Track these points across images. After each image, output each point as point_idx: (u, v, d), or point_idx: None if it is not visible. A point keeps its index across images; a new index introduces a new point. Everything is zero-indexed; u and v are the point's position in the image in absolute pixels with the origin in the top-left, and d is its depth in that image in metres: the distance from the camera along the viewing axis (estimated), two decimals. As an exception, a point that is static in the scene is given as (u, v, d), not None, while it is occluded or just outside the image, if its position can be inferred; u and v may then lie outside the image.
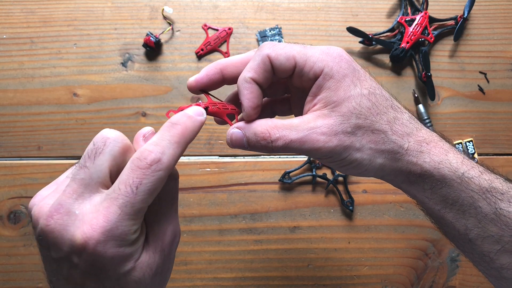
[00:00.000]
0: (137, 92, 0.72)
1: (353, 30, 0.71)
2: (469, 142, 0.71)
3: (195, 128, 0.36)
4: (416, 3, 0.74)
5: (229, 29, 0.73)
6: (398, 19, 0.72)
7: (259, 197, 0.70)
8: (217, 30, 0.73)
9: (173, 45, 0.73)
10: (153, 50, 0.72)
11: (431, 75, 0.69)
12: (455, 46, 0.74)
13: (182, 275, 0.69)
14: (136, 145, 0.37)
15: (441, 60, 0.74)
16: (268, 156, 0.71)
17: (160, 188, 0.33)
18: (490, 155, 0.72)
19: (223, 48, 0.73)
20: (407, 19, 0.71)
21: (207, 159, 0.71)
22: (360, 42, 0.72)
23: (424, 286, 0.69)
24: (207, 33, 0.73)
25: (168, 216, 0.37)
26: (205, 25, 0.73)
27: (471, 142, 0.71)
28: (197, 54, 0.73)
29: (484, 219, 0.38)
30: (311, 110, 0.39)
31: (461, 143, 0.71)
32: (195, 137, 0.36)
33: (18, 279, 0.68)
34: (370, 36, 0.71)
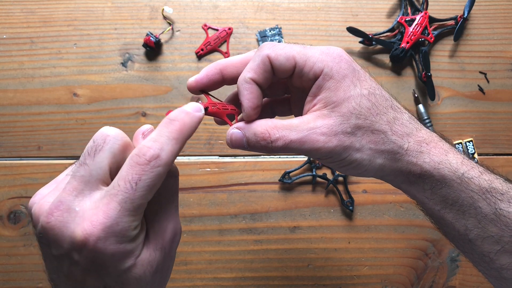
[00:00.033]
0: (137, 92, 0.72)
1: (353, 30, 0.71)
2: (469, 142, 0.71)
3: (193, 124, 0.35)
4: (416, 3, 0.74)
5: (229, 29, 0.73)
6: (398, 19, 0.72)
7: (259, 197, 0.70)
8: (217, 30, 0.73)
9: (173, 45, 0.73)
10: (153, 50, 0.72)
11: (431, 75, 0.69)
12: (455, 46, 0.74)
13: (182, 275, 0.69)
14: (135, 142, 0.37)
15: (441, 60, 0.73)
16: (268, 156, 0.71)
17: (160, 184, 0.33)
18: (490, 155, 0.72)
19: (223, 48, 0.73)
20: (407, 19, 0.71)
21: (207, 159, 0.71)
22: (360, 42, 0.72)
23: (424, 286, 0.69)
24: (207, 33, 0.73)
25: (168, 213, 0.37)
26: (205, 25, 0.73)
27: (471, 142, 0.71)
28: (197, 54, 0.73)
29: (484, 219, 0.38)
30: (311, 111, 0.39)
31: (461, 143, 0.71)
32: (193, 133, 0.36)
33: (18, 279, 0.68)
34: (370, 36, 0.71)
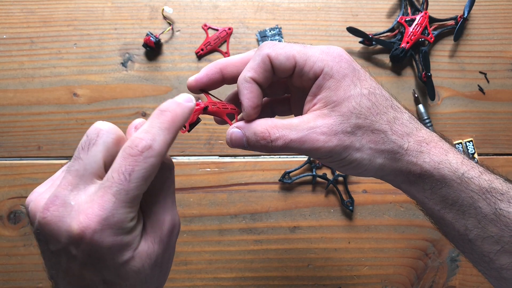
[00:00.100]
0: (137, 92, 0.72)
1: (353, 30, 0.71)
2: (469, 142, 0.71)
3: (184, 114, 0.35)
4: (416, 3, 0.74)
5: (229, 29, 0.73)
6: (398, 19, 0.72)
7: (259, 197, 0.70)
8: (217, 30, 0.73)
9: (173, 45, 0.73)
10: (153, 50, 0.72)
11: (431, 75, 0.69)
12: (455, 46, 0.74)
13: (182, 275, 0.69)
14: (128, 136, 0.37)
15: (441, 60, 0.73)
16: (268, 156, 0.71)
17: (154, 175, 0.33)
18: (490, 155, 0.72)
19: (223, 48, 0.73)
20: (407, 19, 0.71)
21: (207, 159, 0.71)
22: (360, 42, 0.72)
23: (424, 286, 0.69)
24: (207, 33, 0.73)
25: (165, 206, 0.36)
26: (205, 25, 0.73)
27: (471, 142, 0.71)
28: (197, 54, 0.73)
29: (484, 219, 0.38)
30: (311, 110, 0.39)
31: (461, 143, 0.71)
32: (185, 123, 0.36)
33: (18, 279, 0.68)
34: (370, 36, 0.71)
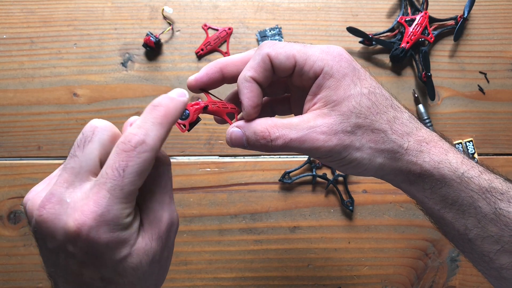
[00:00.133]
0: (137, 92, 0.72)
1: (353, 30, 0.71)
2: (469, 142, 0.71)
3: (177, 108, 0.35)
4: (416, 3, 0.74)
5: (229, 29, 0.73)
6: (398, 19, 0.72)
7: (259, 197, 0.70)
8: (217, 30, 0.73)
9: (173, 45, 0.73)
10: (153, 50, 0.72)
11: (431, 75, 0.69)
12: (455, 46, 0.74)
13: (182, 275, 0.69)
14: (123, 133, 0.37)
15: (441, 60, 0.73)
16: (268, 156, 0.71)
17: (148, 170, 0.33)
18: (490, 155, 0.72)
19: (223, 48, 0.73)
20: (407, 19, 0.71)
21: (207, 159, 0.71)
22: (360, 42, 0.72)
23: (424, 286, 0.69)
24: (207, 33, 0.73)
25: (162, 202, 0.36)
26: (205, 25, 0.73)
27: (471, 142, 0.71)
28: (197, 54, 0.73)
29: (483, 219, 0.38)
30: (311, 109, 0.39)
31: (461, 143, 0.71)
32: (179, 117, 0.36)
33: (18, 279, 0.68)
34: (370, 36, 0.71)
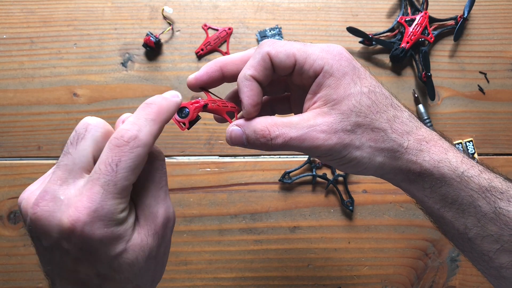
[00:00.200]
0: (137, 92, 0.72)
1: (353, 30, 0.71)
2: (469, 142, 0.71)
3: (170, 107, 0.35)
4: (416, 3, 0.74)
5: (229, 29, 0.73)
6: (398, 19, 0.72)
7: (259, 197, 0.70)
8: (217, 30, 0.73)
9: (173, 45, 0.73)
10: (153, 50, 0.72)
11: (431, 75, 0.69)
12: (455, 46, 0.74)
13: (182, 275, 0.69)
14: (116, 129, 0.37)
15: (441, 60, 0.73)
16: (268, 156, 0.71)
17: (141, 165, 0.33)
18: (490, 155, 0.72)
19: (223, 48, 0.73)
20: (407, 19, 0.71)
21: (207, 159, 0.71)
22: (360, 42, 0.72)
23: (424, 286, 0.69)
24: (207, 33, 0.73)
25: (157, 198, 0.36)
26: (205, 25, 0.73)
27: (471, 142, 0.71)
28: (197, 54, 0.73)
29: (483, 218, 0.38)
30: (310, 108, 0.39)
31: (461, 143, 0.71)
32: (171, 117, 0.36)
33: (18, 279, 0.68)
34: (370, 36, 0.71)
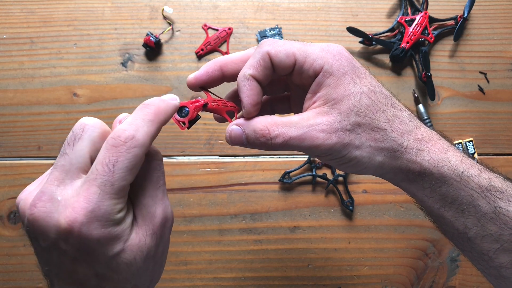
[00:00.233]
0: (137, 92, 0.72)
1: (353, 30, 0.71)
2: (469, 142, 0.71)
3: (167, 110, 0.36)
4: (416, 3, 0.74)
5: (229, 29, 0.73)
6: (398, 19, 0.72)
7: (259, 197, 0.70)
8: (217, 30, 0.73)
9: (173, 45, 0.73)
10: (153, 50, 0.72)
11: (431, 75, 0.69)
12: (455, 46, 0.74)
13: (182, 275, 0.69)
14: (113, 130, 0.37)
15: (441, 60, 0.73)
16: (268, 156, 0.71)
17: (138, 166, 0.33)
18: (490, 155, 0.72)
19: (223, 48, 0.73)
20: (407, 19, 0.71)
21: (207, 159, 0.71)
22: (360, 42, 0.72)
23: (424, 286, 0.69)
24: (207, 33, 0.73)
25: (155, 198, 0.36)
26: (205, 25, 0.73)
27: (471, 142, 0.71)
28: (197, 54, 0.73)
29: (483, 217, 0.38)
30: (310, 108, 0.39)
31: (461, 143, 0.71)
32: (169, 119, 0.36)
33: (18, 279, 0.68)
34: (370, 36, 0.71)
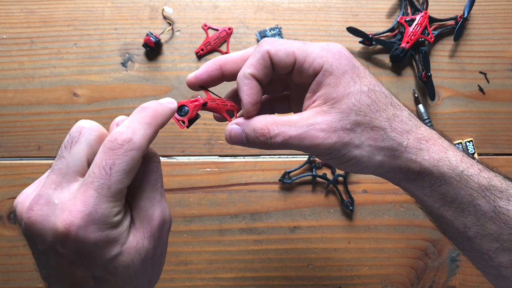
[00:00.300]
0: (137, 92, 0.72)
1: (353, 30, 0.71)
2: (469, 142, 0.71)
3: (165, 113, 0.35)
4: (416, 3, 0.74)
5: (229, 29, 0.73)
6: (398, 19, 0.72)
7: (259, 197, 0.70)
8: (217, 30, 0.73)
9: (173, 45, 0.73)
10: (153, 50, 0.72)
11: (431, 75, 0.69)
12: (455, 46, 0.74)
13: (182, 275, 0.68)
14: (110, 132, 0.37)
15: (441, 60, 0.73)
16: (268, 156, 0.71)
17: (136, 169, 0.33)
18: (490, 155, 0.72)
19: (223, 48, 0.73)
20: (407, 19, 0.71)
21: (207, 159, 0.71)
22: (360, 42, 0.72)
23: (424, 286, 0.69)
24: (207, 33, 0.73)
25: (153, 200, 0.36)
26: (205, 25, 0.73)
27: (471, 142, 0.71)
28: (197, 54, 0.73)
29: (483, 217, 0.38)
30: (310, 107, 0.39)
31: (461, 143, 0.71)
32: (166, 122, 0.36)
33: (18, 279, 0.68)
34: (370, 36, 0.71)
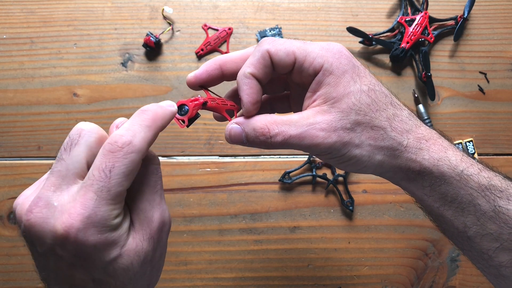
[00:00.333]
0: (137, 92, 0.72)
1: (353, 30, 0.71)
2: (469, 142, 0.71)
3: (165, 116, 0.36)
4: (416, 3, 0.74)
5: (229, 29, 0.73)
6: (398, 19, 0.72)
7: (259, 197, 0.70)
8: (217, 30, 0.73)
9: (173, 45, 0.73)
10: (153, 50, 0.72)
11: (431, 75, 0.69)
12: (455, 46, 0.74)
13: (182, 275, 0.68)
14: (110, 135, 0.37)
15: (441, 60, 0.73)
16: (268, 156, 0.71)
17: (135, 171, 0.33)
18: (490, 155, 0.72)
19: (223, 48, 0.73)
20: (407, 19, 0.72)
21: (207, 159, 0.71)
22: (360, 42, 0.72)
23: (424, 286, 0.69)
24: (207, 33, 0.73)
25: (152, 202, 0.36)
26: (205, 25, 0.73)
27: (471, 142, 0.71)
28: (197, 54, 0.73)
29: (483, 216, 0.38)
30: (310, 106, 0.39)
31: (461, 143, 0.71)
32: (166, 125, 0.36)
33: (18, 279, 0.68)
34: (370, 36, 0.71)
